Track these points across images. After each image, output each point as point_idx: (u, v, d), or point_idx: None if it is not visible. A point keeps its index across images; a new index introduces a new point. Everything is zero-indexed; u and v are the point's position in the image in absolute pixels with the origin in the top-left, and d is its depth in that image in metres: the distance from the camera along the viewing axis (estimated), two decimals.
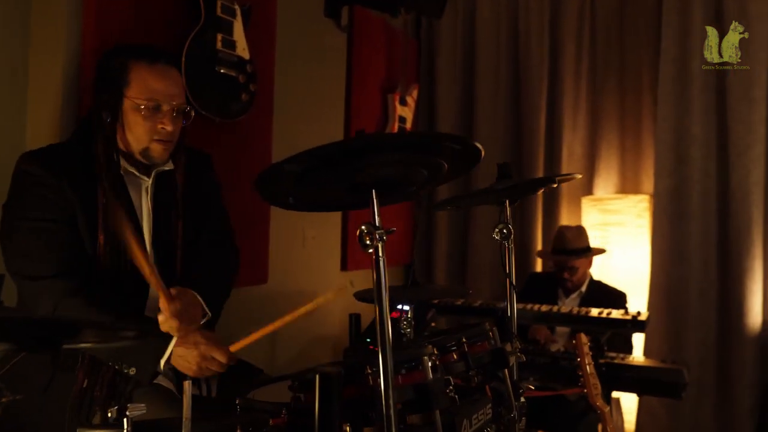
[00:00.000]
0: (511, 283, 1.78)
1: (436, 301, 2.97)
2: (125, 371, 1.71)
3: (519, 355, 1.69)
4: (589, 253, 3.38)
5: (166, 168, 1.89)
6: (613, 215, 3.92)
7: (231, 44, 2.57)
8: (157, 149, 1.81)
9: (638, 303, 3.70)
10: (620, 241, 3.87)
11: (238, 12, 2.60)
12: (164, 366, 1.70)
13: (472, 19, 4.33)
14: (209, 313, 1.82)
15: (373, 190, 1.18)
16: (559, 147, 4.11)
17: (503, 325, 1.76)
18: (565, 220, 4.14)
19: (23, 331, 0.97)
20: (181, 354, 1.68)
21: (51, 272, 1.63)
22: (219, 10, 2.51)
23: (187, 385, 1.21)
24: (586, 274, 3.46)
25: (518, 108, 4.22)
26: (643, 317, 2.75)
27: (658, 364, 2.83)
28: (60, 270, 1.65)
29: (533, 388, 1.74)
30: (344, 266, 3.62)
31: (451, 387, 1.29)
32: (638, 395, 3.07)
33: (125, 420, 1.19)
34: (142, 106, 1.75)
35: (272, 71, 2.96)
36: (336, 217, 3.55)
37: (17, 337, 0.99)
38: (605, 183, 4.09)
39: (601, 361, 2.68)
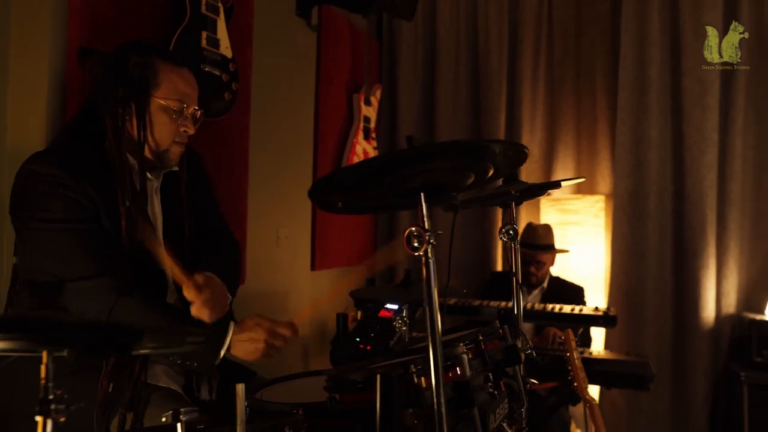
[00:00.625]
0: (517, 281, 1.84)
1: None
2: (187, 365, 1.70)
3: (530, 351, 1.74)
4: (554, 250, 3.51)
5: (173, 169, 1.88)
6: (572, 215, 4.07)
7: (215, 42, 2.54)
8: (175, 151, 1.82)
9: (595, 298, 3.86)
10: (578, 239, 4.02)
11: (221, 9, 2.57)
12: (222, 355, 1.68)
13: (432, 22, 4.39)
14: (232, 297, 1.84)
15: (422, 194, 1.21)
16: None
17: (509, 323, 1.82)
18: (525, 219, 4.26)
19: (96, 336, 0.95)
20: (244, 339, 1.68)
21: (92, 272, 1.58)
22: (204, 8, 2.47)
23: (240, 388, 1.21)
24: (548, 271, 3.58)
25: (479, 110, 4.31)
26: (612, 312, 2.88)
27: (625, 357, 2.97)
28: (101, 268, 1.61)
29: (537, 382, 1.81)
30: (313, 266, 3.62)
31: (490, 383, 1.33)
32: (607, 388, 3.21)
33: (179, 425, 1.18)
34: (174, 108, 1.74)
35: (249, 70, 2.93)
36: (306, 217, 3.55)
37: (87, 343, 0.97)
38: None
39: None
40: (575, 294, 3.50)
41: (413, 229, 1.22)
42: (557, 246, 3.64)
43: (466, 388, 1.29)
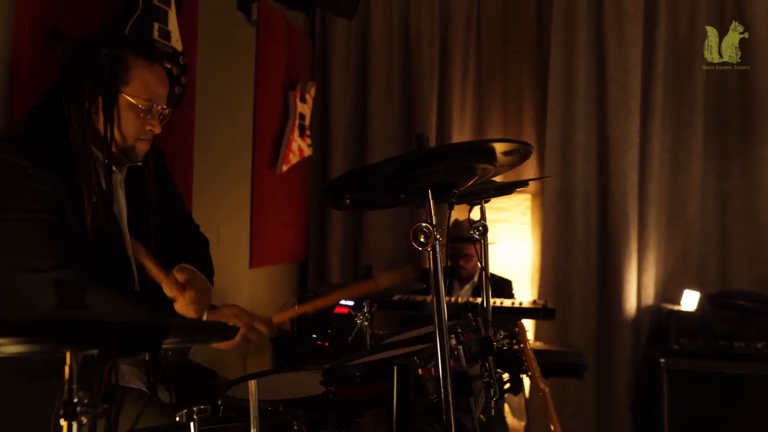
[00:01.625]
0: (487, 277, 1.91)
1: (397, 297, 3.06)
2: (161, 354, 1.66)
3: (502, 342, 1.82)
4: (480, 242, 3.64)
5: (138, 163, 1.83)
6: (501, 212, 4.23)
7: (167, 34, 2.47)
8: (141, 147, 1.77)
9: (523, 291, 4.04)
10: (506, 236, 4.19)
11: (173, 1, 2.51)
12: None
13: (365, 22, 4.42)
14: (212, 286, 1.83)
15: (429, 191, 1.25)
16: None
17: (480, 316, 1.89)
18: (454, 216, 4.38)
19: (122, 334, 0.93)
20: None
21: (53, 264, 1.52)
22: None
23: (252, 384, 1.21)
24: (477, 265, 3.71)
25: (411, 110, 4.39)
26: (550, 305, 3.04)
27: (560, 348, 3.13)
28: (62, 261, 1.55)
29: (508, 375, 1.90)
30: (251, 264, 3.58)
31: (486, 373, 1.39)
32: (545, 377, 3.36)
33: (192, 424, 1.16)
34: (141, 107, 1.69)
35: (195, 63, 2.87)
36: (245, 215, 3.51)
37: (115, 342, 0.95)
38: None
39: (515, 347, 2.92)
40: (504, 287, 3.66)
41: (422, 224, 1.25)
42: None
43: (466, 378, 1.34)
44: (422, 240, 1.28)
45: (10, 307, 1.58)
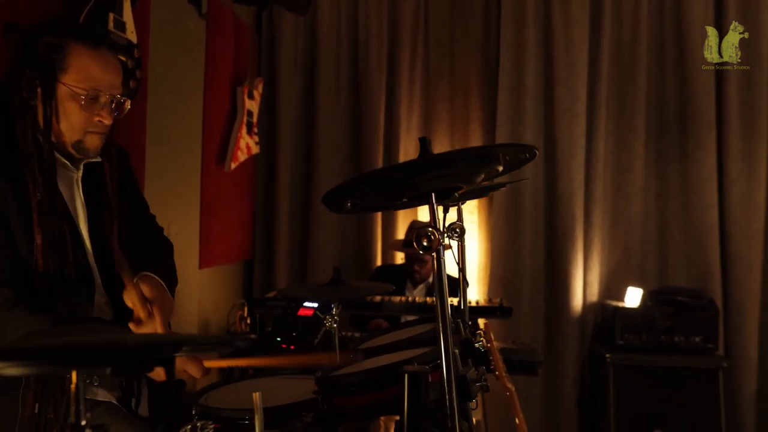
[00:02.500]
0: (464, 278, 1.92)
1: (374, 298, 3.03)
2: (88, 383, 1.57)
3: (481, 343, 1.83)
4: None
5: (94, 160, 1.72)
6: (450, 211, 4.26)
7: (122, 26, 2.35)
8: (92, 141, 1.64)
9: (471, 290, 4.09)
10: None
11: None
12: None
13: (313, 18, 4.36)
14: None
15: (433, 195, 1.24)
16: (397, 147, 4.35)
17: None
18: (403, 216, 4.39)
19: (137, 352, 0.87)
20: None
21: None
22: None
23: (257, 396, 1.17)
24: (431, 268, 3.74)
25: (359, 107, 4.36)
26: (506, 304, 3.09)
27: (513, 345, 3.19)
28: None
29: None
30: (200, 263, 3.48)
31: (484, 377, 1.40)
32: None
33: None
34: (82, 96, 1.57)
35: (147, 56, 2.75)
36: (195, 214, 3.40)
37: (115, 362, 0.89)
38: None
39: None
40: (456, 286, 3.68)
41: (429, 229, 1.24)
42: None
43: (464, 382, 1.34)
44: (425, 244, 1.26)
45: None
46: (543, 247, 3.92)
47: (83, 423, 0.87)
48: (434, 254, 1.26)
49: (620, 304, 3.70)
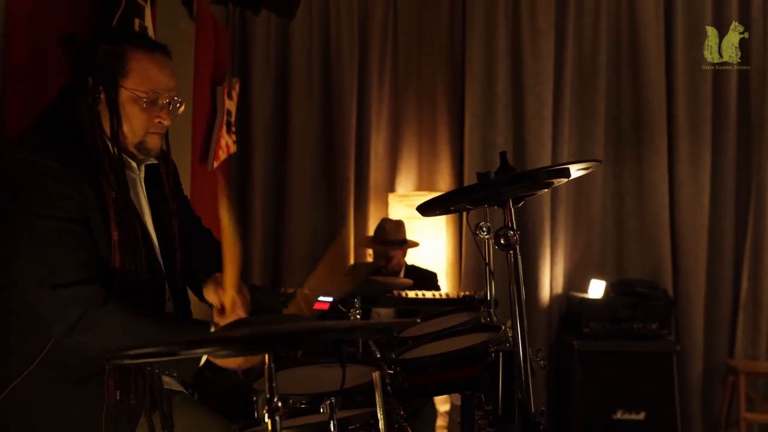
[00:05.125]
0: (490, 272, 2.11)
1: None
2: (167, 374, 1.66)
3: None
4: (404, 245, 3.86)
5: (152, 161, 1.82)
6: None
7: (144, 31, 2.43)
8: (153, 141, 1.73)
9: (441, 283, 4.31)
10: (425, 232, 4.43)
11: None
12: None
13: (285, 21, 4.45)
14: None
15: (510, 201, 1.44)
16: (368, 147, 4.52)
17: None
18: (374, 214, 4.56)
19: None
20: None
21: (75, 278, 1.49)
22: None
23: (377, 376, 1.32)
24: (401, 262, 3.93)
25: (331, 109, 4.49)
26: (479, 296, 3.32)
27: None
28: (85, 276, 1.52)
29: None
30: None
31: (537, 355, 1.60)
32: None
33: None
34: (144, 99, 1.65)
35: None
36: None
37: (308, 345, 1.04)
38: (406, 181, 4.61)
39: None
40: (430, 279, 3.90)
41: (507, 231, 1.43)
42: (409, 239, 4.00)
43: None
44: (502, 242, 1.45)
45: (24, 322, 1.56)
46: None
47: (276, 399, 1.01)
48: (511, 252, 1.45)
49: (585, 296, 4.01)
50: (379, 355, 2.36)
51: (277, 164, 4.47)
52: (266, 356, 1.00)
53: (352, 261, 4.45)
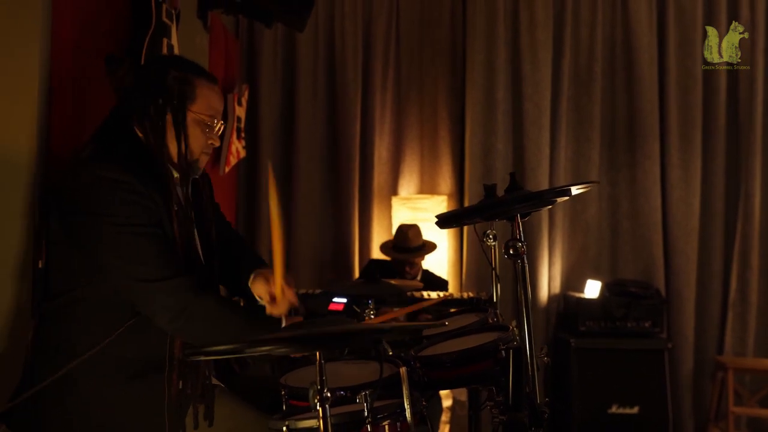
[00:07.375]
0: (496, 276, 2.28)
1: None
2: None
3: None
4: (425, 249, 4.03)
5: (197, 176, 1.99)
6: (422, 212, 4.63)
7: (171, 50, 2.58)
8: (203, 161, 1.91)
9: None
10: (427, 234, 4.60)
11: (174, 16, 2.62)
12: None
13: (291, 32, 4.60)
14: None
15: (518, 216, 1.60)
16: (372, 152, 4.68)
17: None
18: (377, 216, 4.73)
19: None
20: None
21: (172, 272, 1.66)
22: (164, 14, 2.51)
23: (403, 371, 1.49)
24: (420, 268, 4.11)
25: (336, 115, 4.65)
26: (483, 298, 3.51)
27: None
28: (177, 270, 1.69)
29: None
30: None
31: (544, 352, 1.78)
32: None
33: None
34: (207, 123, 1.84)
35: None
36: None
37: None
38: (408, 184, 4.78)
39: None
40: (441, 286, 4.09)
41: (516, 242, 1.60)
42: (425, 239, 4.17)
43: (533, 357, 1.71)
44: (511, 252, 1.62)
45: (83, 323, 1.70)
46: None
47: (325, 390, 1.18)
48: (519, 261, 1.62)
49: (582, 296, 4.19)
50: (391, 353, 2.52)
51: (284, 168, 4.62)
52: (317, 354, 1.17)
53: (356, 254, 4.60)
